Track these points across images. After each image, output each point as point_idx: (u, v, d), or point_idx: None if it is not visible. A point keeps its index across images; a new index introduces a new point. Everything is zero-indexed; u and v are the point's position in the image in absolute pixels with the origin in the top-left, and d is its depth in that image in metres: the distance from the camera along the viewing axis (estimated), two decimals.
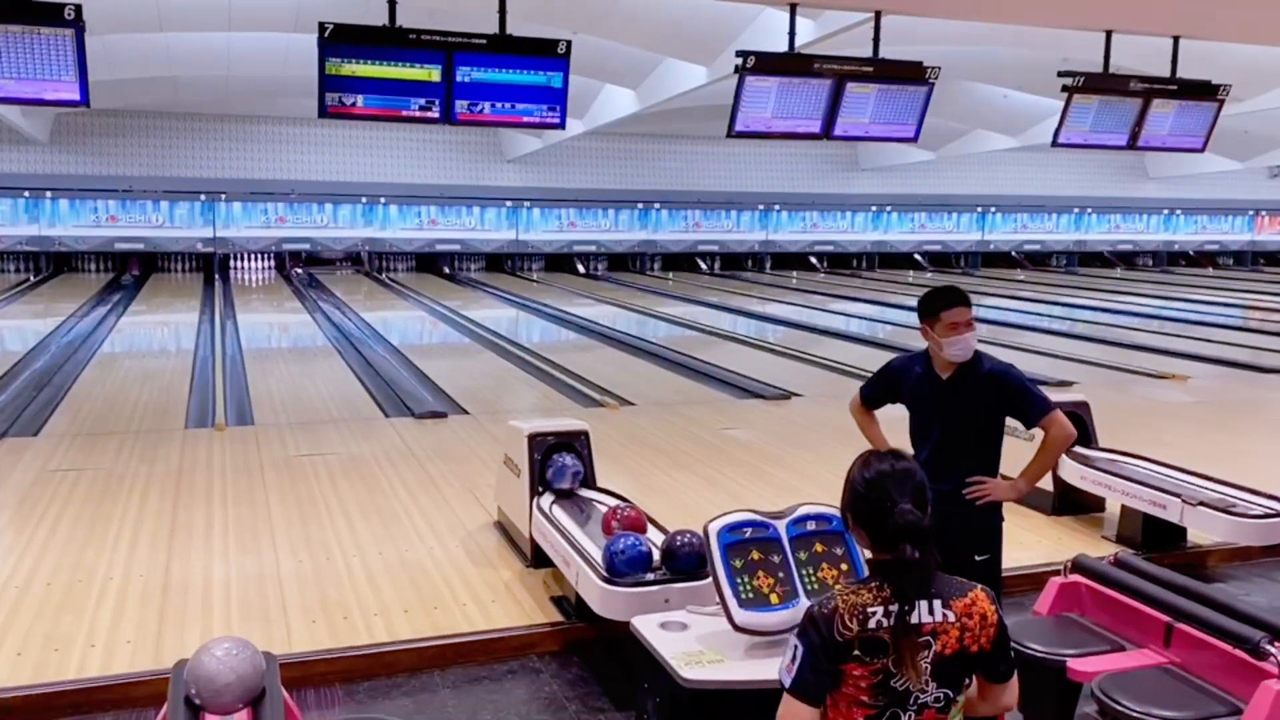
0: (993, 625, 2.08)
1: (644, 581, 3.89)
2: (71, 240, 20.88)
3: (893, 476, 2.13)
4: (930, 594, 2.06)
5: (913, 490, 2.11)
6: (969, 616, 2.06)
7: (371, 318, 15.37)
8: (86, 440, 7.61)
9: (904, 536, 2.06)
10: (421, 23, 6.83)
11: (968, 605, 2.07)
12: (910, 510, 2.07)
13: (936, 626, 2.05)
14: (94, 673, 3.95)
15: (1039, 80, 12.32)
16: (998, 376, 3.54)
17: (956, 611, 2.06)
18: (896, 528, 2.06)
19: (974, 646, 2.07)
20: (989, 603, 2.09)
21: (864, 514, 2.15)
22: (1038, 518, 5.99)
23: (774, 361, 11.99)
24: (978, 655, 2.08)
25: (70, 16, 6.20)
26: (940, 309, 3.58)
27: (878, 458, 2.19)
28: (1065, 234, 28.02)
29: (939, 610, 2.05)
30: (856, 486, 2.17)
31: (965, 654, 2.06)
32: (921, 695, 2.05)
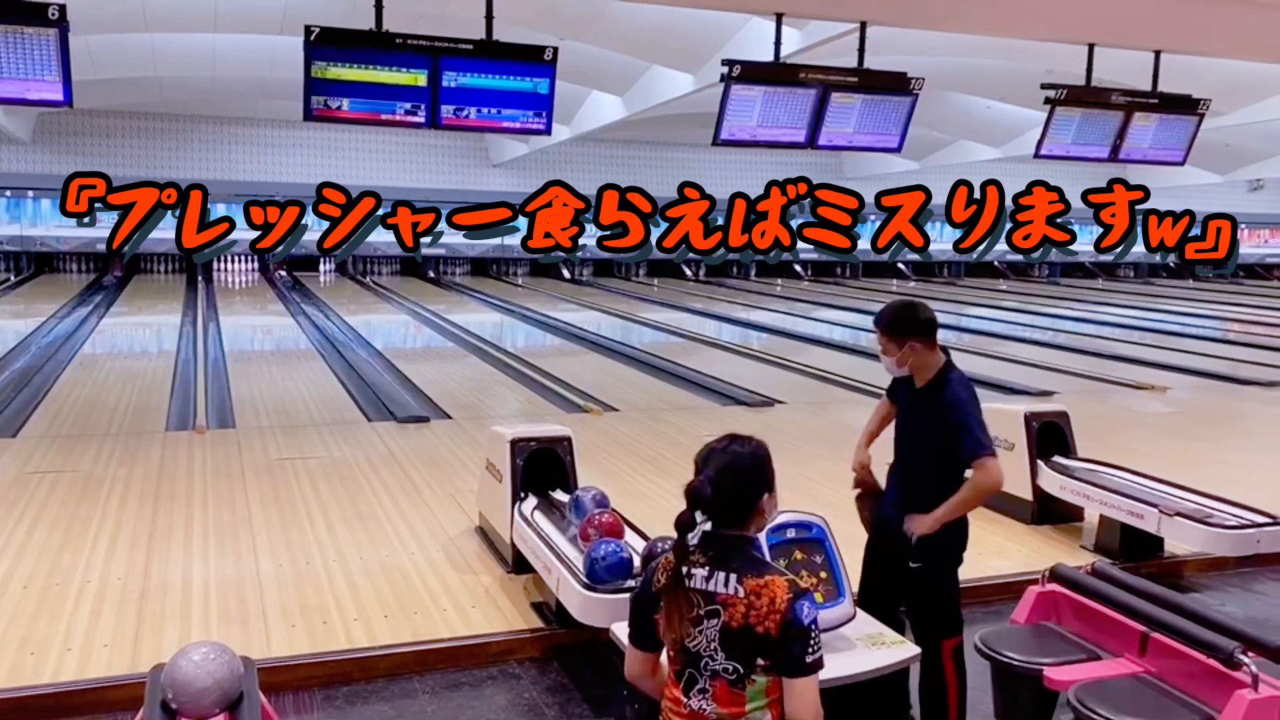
0: (779, 613, 2.14)
1: (624, 588, 3.89)
2: (53, 240, 20.74)
3: (716, 452, 2.31)
4: (730, 567, 2.21)
5: (720, 466, 2.28)
6: (758, 596, 2.16)
7: (355, 321, 15.33)
8: (66, 442, 7.55)
9: (688, 501, 2.24)
10: (408, 27, 6.83)
11: (759, 586, 2.18)
12: (702, 481, 2.25)
13: (727, 598, 2.18)
14: (70, 676, 3.92)
15: (1022, 92, 12.43)
16: (946, 407, 3.45)
17: (746, 588, 2.17)
18: (687, 489, 2.26)
19: (759, 628, 2.15)
20: (785, 592, 2.16)
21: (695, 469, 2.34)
22: (1017, 527, 6.02)
23: (757, 368, 12.02)
24: (764, 638, 2.15)
25: (54, 16, 6.17)
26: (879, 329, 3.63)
27: (723, 438, 2.36)
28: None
29: (732, 583, 2.19)
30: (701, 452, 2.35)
31: (750, 632, 2.15)
32: (711, 662, 2.20)
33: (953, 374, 3.52)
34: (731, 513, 2.28)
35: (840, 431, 8.54)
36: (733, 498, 2.27)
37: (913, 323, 3.51)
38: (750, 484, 2.29)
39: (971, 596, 5.05)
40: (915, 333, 3.50)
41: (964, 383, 3.51)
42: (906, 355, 3.51)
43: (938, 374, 3.51)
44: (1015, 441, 6.14)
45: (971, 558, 5.49)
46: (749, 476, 2.29)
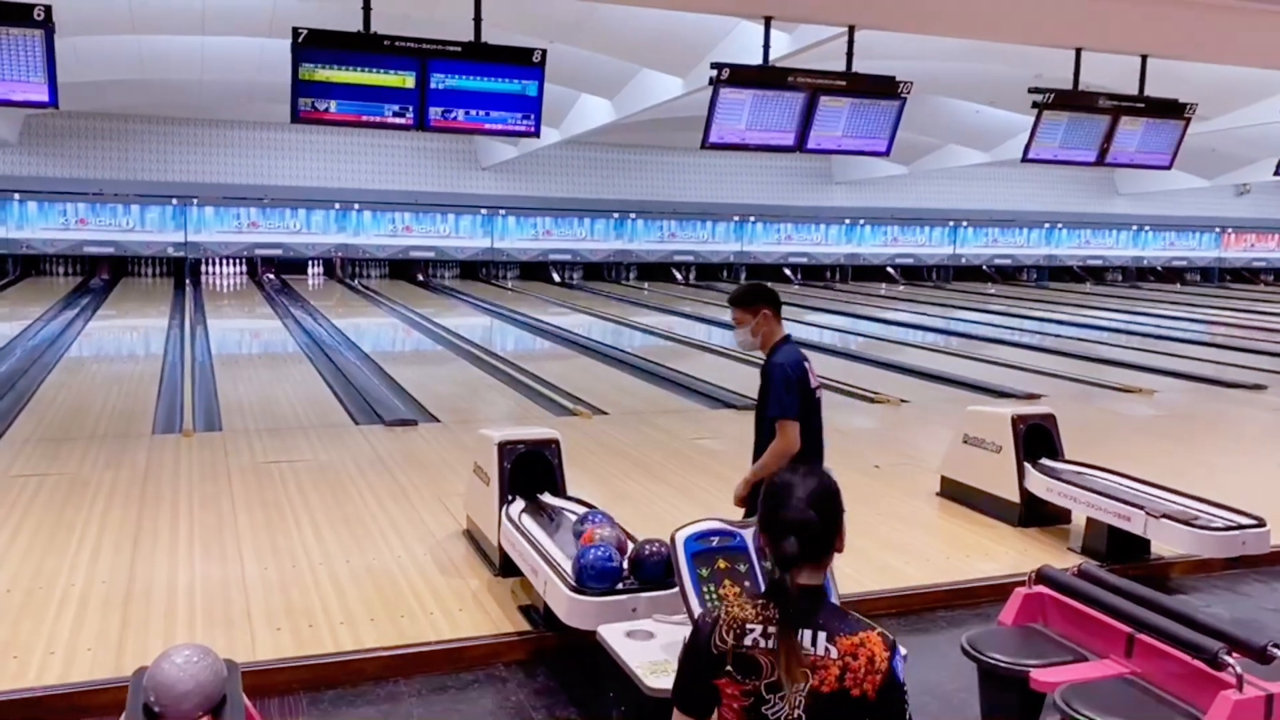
0: (881, 672, 1.91)
1: (612, 591, 3.88)
2: (40, 243, 20.63)
3: (802, 476, 2.05)
4: (816, 624, 1.95)
5: (817, 491, 2.02)
6: (854, 657, 1.92)
7: (343, 324, 15.28)
8: (51, 445, 7.51)
9: (791, 529, 1.97)
10: (396, 29, 6.82)
11: (855, 645, 1.93)
12: (802, 508, 1.98)
13: (816, 660, 1.93)
14: (53, 680, 3.89)
15: (1010, 96, 12.47)
16: (767, 371, 3.97)
17: (840, 649, 1.93)
18: (785, 521, 1.98)
19: (855, 690, 1.91)
20: (883, 648, 1.94)
21: (765, 518, 2.05)
22: (1004, 529, 6.04)
23: (747, 372, 11.99)
24: (859, 700, 1.91)
25: (40, 17, 6.15)
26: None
27: (790, 469, 2.10)
28: (1036, 249, 28.31)
29: (821, 643, 1.93)
30: (763, 493, 2.08)
31: (845, 696, 1.91)
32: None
33: (785, 345, 4.00)
34: (827, 543, 2.02)
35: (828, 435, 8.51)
36: (832, 524, 2.02)
37: (762, 292, 4.08)
38: (839, 509, 2.05)
39: (958, 598, 5.08)
40: (765, 301, 4.03)
41: (790, 353, 3.98)
42: (760, 324, 3.97)
43: (774, 346, 4.01)
44: (1002, 444, 6.16)
45: (958, 559, 5.55)
46: (838, 501, 2.05)
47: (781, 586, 1.98)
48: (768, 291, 4.06)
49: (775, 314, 4.03)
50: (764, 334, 3.96)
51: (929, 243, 27.31)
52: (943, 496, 6.65)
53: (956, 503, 6.50)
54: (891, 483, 7.01)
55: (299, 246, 22.41)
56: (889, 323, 17.73)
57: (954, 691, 3.98)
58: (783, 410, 3.85)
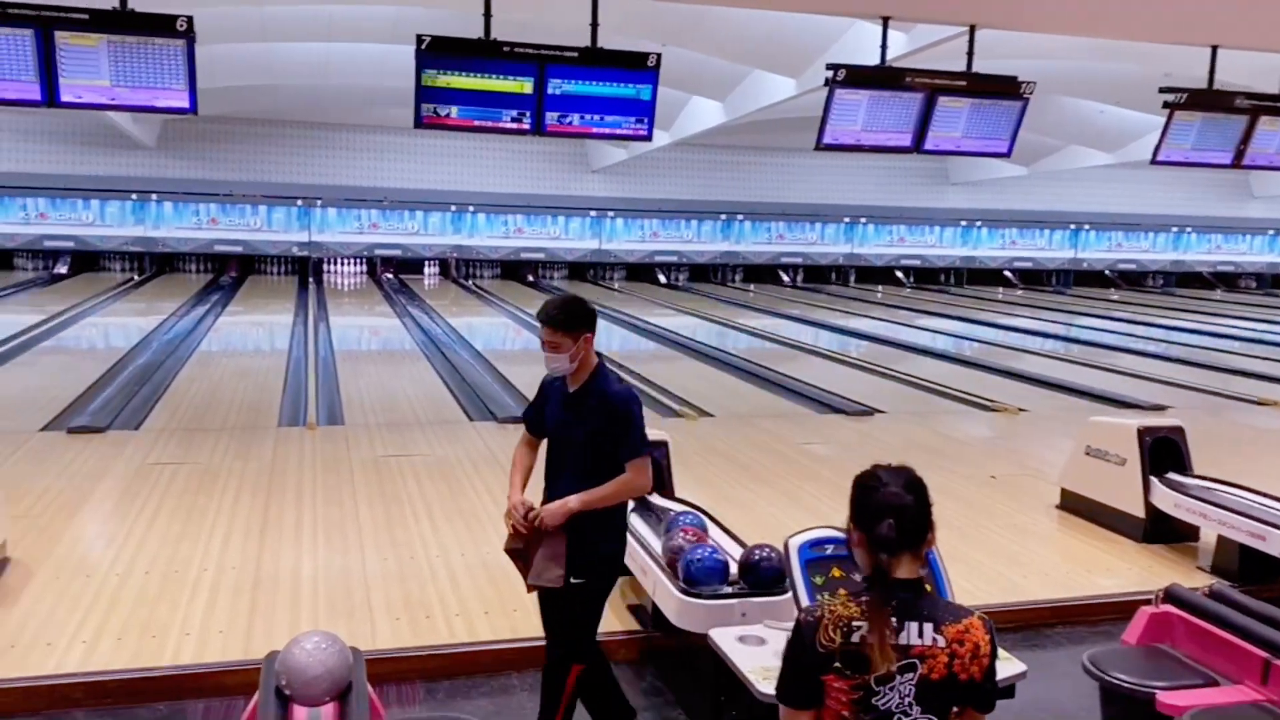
0: (985, 656, 2.04)
1: (721, 594, 3.89)
2: (174, 241, 21.69)
3: (888, 469, 2.14)
4: (921, 616, 2.03)
5: (906, 480, 2.11)
6: (960, 644, 2.02)
7: (457, 323, 15.63)
8: (184, 435, 7.89)
9: (888, 513, 2.05)
10: (515, 35, 6.95)
11: (960, 632, 2.03)
12: (896, 491, 2.07)
13: (925, 650, 2.01)
14: (188, 660, 4.10)
15: (1138, 95, 12.03)
16: (616, 403, 3.41)
17: (947, 637, 2.02)
18: (880, 504, 2.07)
19: (964, 675, 2.02)
20: (983, 632, 2.05)
21: (857, 510, 2.13)
22: (1127, 544, 5.83)
23: (856, 376, 11.88)
24: (967, 685, 2.02)
25: (182, 28, 6.47)
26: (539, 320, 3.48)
27: (880, 466, 2.18)
28: (1162, 253, 27.20)
29: (929, 633, 2.02)
30: (855, 489, 2.16)
31: (954, 682, 2.01)
32: (905, 717, 2.02)
33: (609, 370, 3.52)
34: (922, 528, 2.10)
35: (942, 442, 8.40)
36: (926, 508, 2.11)
37: (585, 315, 3.45)
38: (929, 498, 2.13)
39: (1078, 614, 4.93)
40: (588, 325, 3.44)
41: (619, 378, 3.53)
42: (579, 350, 3.42)
43: (596, 370, 3.48)
44: (1127, 456, 5.95)
45: (1078, 574, 5.38)
46: (927, 490, 2.13)
47: (881, 574, 2.07)
48: (590, 312, 3.49)
49: (591, 338, 3.50)
50: (583, 359, 3.46)
51: (1049, 246, 26.49)
52: (1062, 509, 6.46)
53: (1077, 516, 6.30)
54: (1008, 494, 6.84)
55: (416, 247, 23.04)
56: (1006, 328, 17.26)
57: (1074, 711, 3.87)
58: (645, 443, 3.49)
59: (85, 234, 21.17)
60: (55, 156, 20.53)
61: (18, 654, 4.09)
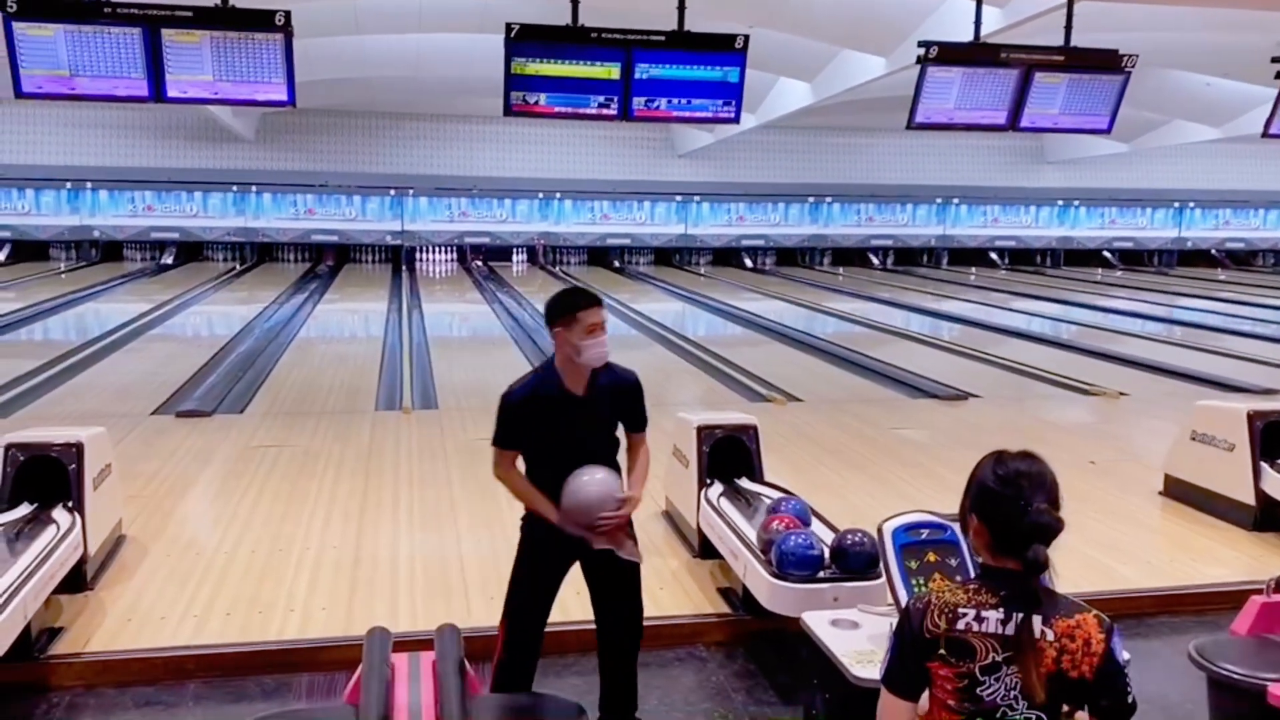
0: (1097, 654, 1.95)
1: (813, 579, 3.88)
2: (273, 231, 22.36)
3: (1029, 476, 2.04)
4: (1032, 607, 1.98)
5: (1047, 491, 2.03)
6: (1070, 639, 1.96)
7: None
8: (285, 419, 8.14)
9: (1037, 536, 1.98)
10: (602, 21, 6.98)
11: (1071, 627, 1.97)
12: (1046, 510, 1.99)
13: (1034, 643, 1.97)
14: (292, 635, 4.24)
15: (1247, 67, 11.51)
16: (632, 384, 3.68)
17: (1057, 631, 1.97)
18: (1031, 527, 1.98)
19: (1073, 672, 1.95)
20: (1098, 629, 1.97)
21: (994, 513, 2.04)
22: (1237, 533, 5.62)
23: (950, 361, 11.66)
24: (1078, 682, 1.96)
25: (280, 23, 6.66)
26: (580, 309, 3.41)
27: (1013, 456, 2.10)
28: (1273, 231, 26.06)
29: (1037, 626, 1.97)
30: (989, 483, 2.07)
31: (1063, 678, 1.95)
32: (1011, 712, 1.97)
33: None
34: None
35: (1039, 427, 8.21)
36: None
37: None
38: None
39: (1182, 603, 4.79)
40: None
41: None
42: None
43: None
44: (1236, 442, 5.73)
45: (1183, 562, 5.23)
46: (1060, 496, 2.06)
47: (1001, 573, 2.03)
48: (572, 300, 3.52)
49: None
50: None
51: (1150, 225, 25.59)
52: (1166, 496, 6.26)
53: (1182, 503, 6.10)
54: (1109, 480, 6.65)
55: (505, 234, 23.33)
56: (1105, 310, 16.75)
57: (1178, 703, 3.76)
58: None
59: (189, 225, 21.96)
60: (160, 151, 21.32)
61: (134, 627, 4.28)
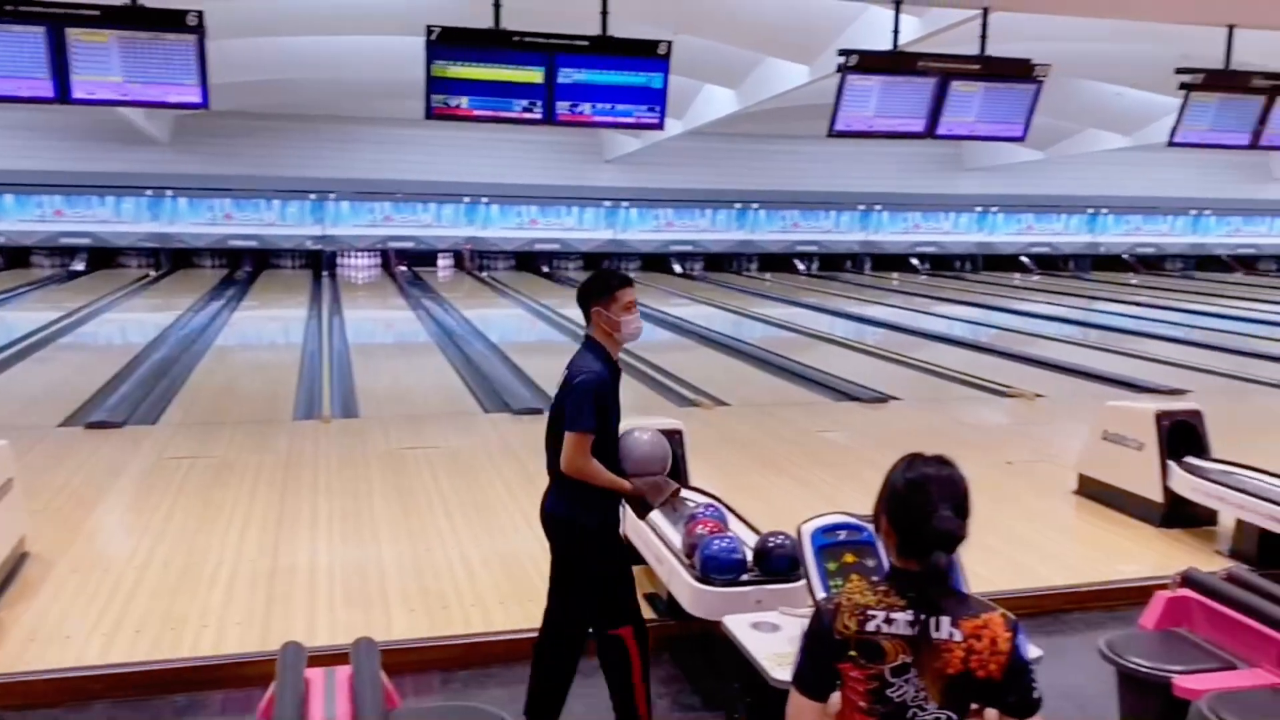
0: (1004, 653, 1.97)
1: (736, 582, 3.89)
2: (189, 237, 21.80)
3: (937, 481, 2.06)
4: (939, 609, 2.00)
5: (956, 498, 2.04)
6: (978, 639, 1.98)
7: (471, 315, 15.66)
8: (201, 429, 7.93)
9: (938, 543, 2.00)
10: (525, 25, 6.94)
11: (978, 627, 1.99)
12: (950, 517, 2.01)
13: (941, 644, 1.99)
14: (206, 651, 4.13)
15: (1155, 77, 11.89)
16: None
17: (964, 631, 1.98)
18: (934, 534, 2.00)
19: (981, 672, 1.97)
20: (1004, 628, 1.99)
21: (900, 517, 2.06)
22: (1145, 529, 5.80)
23: (872, 364, 11.83)
24: (985, 682, 1.97)
25: (193, 23, 6.49)
26: (617, 288, 3.58)
27: (923, 460, 2.11)
28: (1181, 236, 26.97)
29: (945, 627, 1.98)
30: (897, 487, 2.08)
31: (970, 678, 1.97)
32: (921, 713, 1.99)
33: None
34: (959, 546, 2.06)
35: (958, 428, 8.37)
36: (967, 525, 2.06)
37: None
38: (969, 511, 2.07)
39: (1095, 599, 4.91)
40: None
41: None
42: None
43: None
44: (1145, 441, 5.91)
45: (1095, 559, 5.36)
46: (970, 502, 2.07)
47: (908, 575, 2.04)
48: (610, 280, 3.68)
49: None
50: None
51: (1066, 231, 26.31)
52: (1080, 495, 6.42)
53: (1095, 501, 6.27)
54: (1025, 480, 6.80)
55: (430, 239, 23.07)
56: (1023, 314, 17.16)
57: (1091, 696, 3.85)
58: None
59: (101, 230, 21.31)
60: (70, 153, 20.60)
61: (38, 647, 4.12)
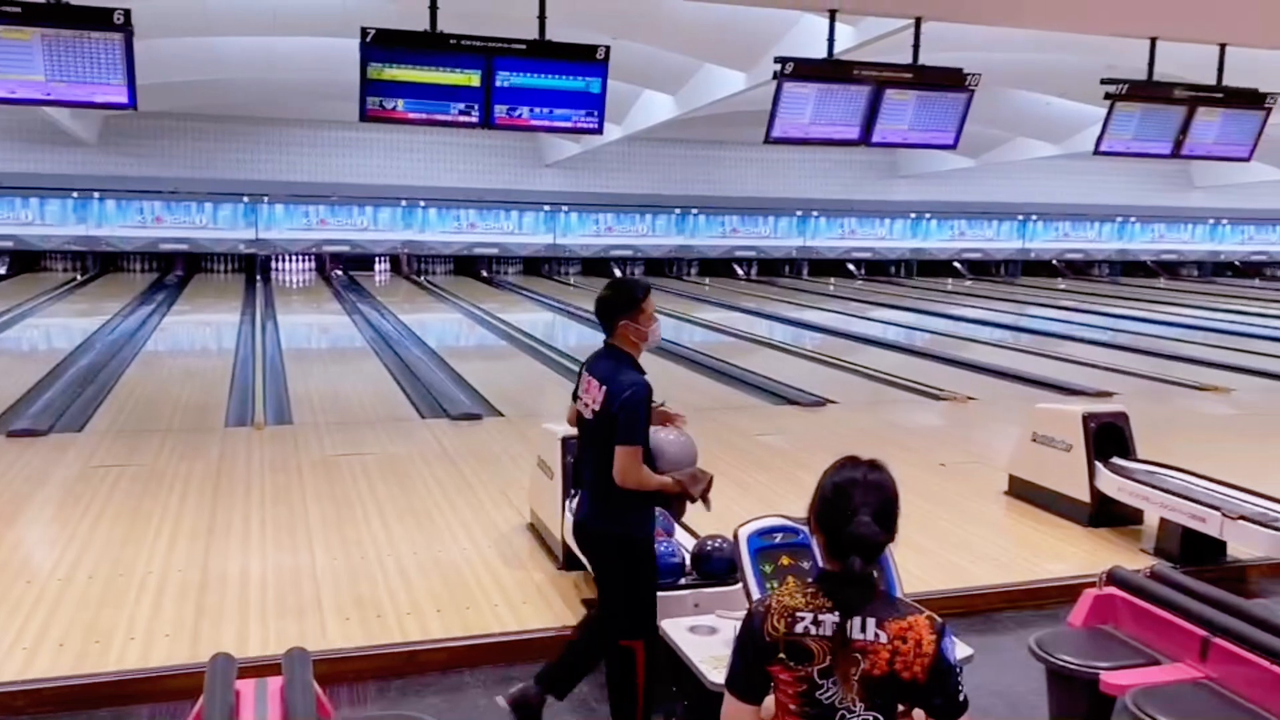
0: (928, 655, 1.99)
1: (675, 585, 3.90)
2: (118, 240, 21.26)
3: (863, 485, 2.08)
4: (865, 611, 2.02)
5: (879, 504, 2.07)
6: (902, 640, 2.00)
7: (409, 320, 15.51)
8: (129, 437, 7.74)
9: (856, 548, 2.03)
10: (462, 28, 6.89)
11: (904, 629, 2.01)
12: (868, 523, 2.03)
13: (867, 645, 2.01)
14: (132, 665, 4.02)
15: (1082, 87, 12.20)
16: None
17: (889, 633, 2.00)
18: (851, 538, 2.03)
19: (905, 673, 1.99)
20: (929, 631, 2.01)
21: (826, 519, 2.09)
22: (1073, 529, 5.93)
23: (810, 368, 11.95)
24: (910, 684, 2.00)
25: (119, 21, 6.33)
26: (642, 299, 3.63)
27: (852, 464, 2.14)
28: (1108, 243, 27.68)
29: (871, 629, 2.01)
30: (825, 490, 2.12)
31: (896, 679, 2.00)
32: (849, 714, 2.01)
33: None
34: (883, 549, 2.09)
35: (893, 431, 8.48)
36: (893, 532, 2.09)
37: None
38: (897, 516, 2.11)
39: (1026, 598, 5.01)
40: None
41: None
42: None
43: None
44: (1073, 442, 6.05)
45: (1026, 559, 5.47)
46: (896, 507, 2.10)
47: (833, 577, 2.06)
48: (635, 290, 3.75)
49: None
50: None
51: (997, 237, 26.85)
52: (1011, 495, 6.55)
53: (1025, 502, 6.39)
54: (958, 481, 6.92)
55: (366, 243, 22.78)
56: (955, 319, 17.46)
57: (1022, 694, 3.93)
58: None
59: (25, 233, 20.69)
60: None
61: None
